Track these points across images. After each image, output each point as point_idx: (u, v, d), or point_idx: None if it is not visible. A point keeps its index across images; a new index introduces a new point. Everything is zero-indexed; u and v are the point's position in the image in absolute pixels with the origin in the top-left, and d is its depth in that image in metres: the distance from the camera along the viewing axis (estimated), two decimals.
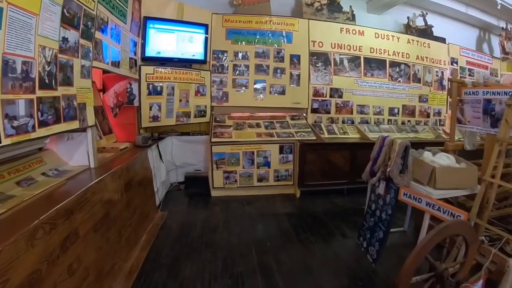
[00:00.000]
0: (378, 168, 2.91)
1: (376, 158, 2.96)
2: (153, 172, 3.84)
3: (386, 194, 2.83)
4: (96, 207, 2.27)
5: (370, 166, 3.05)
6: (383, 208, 2.87)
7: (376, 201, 3.00)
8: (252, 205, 4.28)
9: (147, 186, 3.63)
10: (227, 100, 5.20)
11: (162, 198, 4.32)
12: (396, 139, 2.74)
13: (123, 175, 2.89)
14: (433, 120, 6.60)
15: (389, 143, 2.80)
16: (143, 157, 3.66)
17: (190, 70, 4.80)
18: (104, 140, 3.65)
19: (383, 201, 2.88)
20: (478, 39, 7.98)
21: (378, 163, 2.90)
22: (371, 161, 3.04)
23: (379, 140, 2.99)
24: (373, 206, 3.04)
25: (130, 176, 3.10)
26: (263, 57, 5.28)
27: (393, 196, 2.74)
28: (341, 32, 5.68)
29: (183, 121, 4.76)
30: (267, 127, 4.99)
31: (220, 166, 4.51)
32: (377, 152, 2.95)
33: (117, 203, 2.69)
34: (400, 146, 2.62)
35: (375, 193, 3.05)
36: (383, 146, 2.88)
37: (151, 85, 4.32)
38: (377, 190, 2.99)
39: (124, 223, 2.80)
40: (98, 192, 2.33)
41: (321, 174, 4.73)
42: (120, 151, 3.45)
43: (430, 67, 6.51)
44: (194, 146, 4.91)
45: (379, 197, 2.94)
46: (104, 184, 2.47)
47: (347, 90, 5.74)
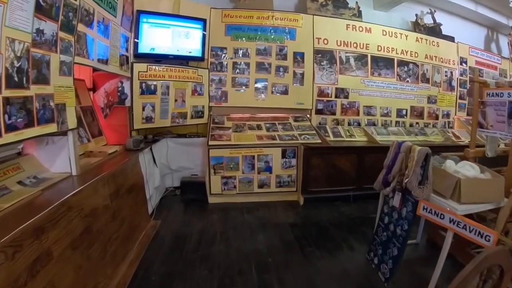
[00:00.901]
0: (392, 178, 2.64)
1: (390, 166, 2.68)
2: (145, 178, 3.57)
3: (402, 207, 2.56)
4: (74, 222, 2.00)
5: (383, 174, 2.78)
6: (398, 223, 2.59)
7: (389, 214, 2.73)
8: (252, 214, 4.01)
9: (138, 194, 3.35)
10: (226, 100, 4.94)
11: (156, 205, 4.05)
12: (414, 146, 2.47)
13: (109, 183, 2.62)
14: (442, 122, 6.36)
15: (406, 149, 2.53)
16: (134, 161, 3.38)
17: (186, 68, 4.53)
18: (93, 143, 3.40)
19: (398, 215, 2.61)
20: (486, 38, 7.71)
21: (393, 172, 2.62)
22: (385, 169, 2.77)
23: (394, 146, 2.72)
24: (386, 219, 2.77)
25: (118, 184, 2.83)
26: (264, 54, 5.01)
27: (411, 210, 2.46)
28: (347, 29, 5.42)
29: (179, 122, 4.49)
30: (268, 129, 4.72)
31: (218, 171, 4.25)
32: (392, 160, 2.68)
33: (102, 214, 2.42)
34: (419, 154, 2.35)
35: (388, 205, 2.78)
36: (399, 153, 2.61)
37: (144, 84, 4.05)
38: (391, 201, 2.72)
39: (110, 237, 2.54)
40: (77, 204, 2.06)
41: (326, 180, 4.46)
42: (108, 156, 3.18)
43: (439, 66, 6.25)
44: (191, 149, 4.65)
45: (394, 210, 2.67)
46: (85, 195, 2.20)
47: (354, 90, 5.48)
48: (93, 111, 3.64)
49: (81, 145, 3.17)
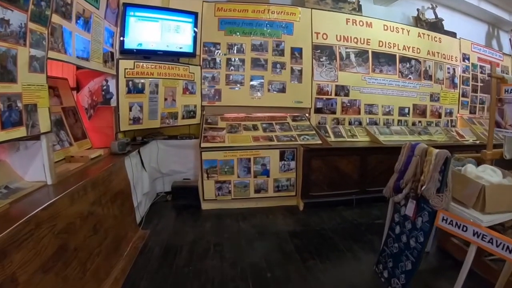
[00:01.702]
0: (405, 184, 2.41)
1: (403, 171, 2.47)
2: (132, 184, 3.32)
3: (417, 216, 2.33)
4: (45, 241, 1.75)
5: (394, 180, 2.56)
6: (411, 234, 2.37)
7: (402, 224, 2.51)
8: (249, 221, 3.77)
9: (124, 202, 3.10)
10: (219, 98, 4.70)
11: (145, 213, 3.80)
12: (431, 148, 2.25)
13: (89, 192, 2.38)
14: (445, 120, 6.23)
15: (421, 152, 2.31)
16: (119, 167, 3.13)
17: (177, 64, 4.28)
18: (75, 147, 3.14)
19: (412, 225, 2.39)
20: (487, 35, 7.60)
21: (405, 178, 2.40)
22: (396, 174, 2.55)
23: (407, 148, 2.50)
24: (398, 229, 2.55)
25: (100, 192, 2.58)
26: (260, 50, 4.78)
27: (427, 220, 2.25)
28: (347, 23, 5.21)
29: (169, 123, 4.23)
30: (265, 129, 4.48)
31: (211, 175, 4.01)
32: (405, 164, 2.46)
33: (80, 229, 2.17)
34: (438, 158, 2.13)
35: (399, 214, 2.56)
36: (412, 156, 2.39)
37: (131, 82, 3.80)
38: (403, 210, 2.50)
39: (90, 252, 2.29)
40: (49, 219, 1.81)
41: (327, 184, 4.26)
42: (90, 161, 2.92)
43: (441, 63, 6.11)
44: (183, 152, 4.40)
45: (406, 219, 2.45)
46: (60, 207, 1.94)
47: (354, 88, 5.28)
48: (76, 112, 3.39)
49: (62, 149, 2.93)
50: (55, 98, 3.08)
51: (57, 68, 3.30)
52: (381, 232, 3.36)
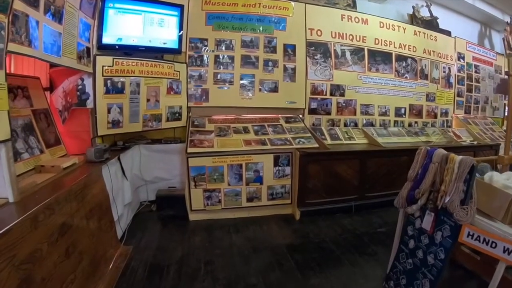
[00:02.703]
0: (421, 194, 2.18)
1: (418, 180, 2.23)
2: (111, 195, 3.00)
3: (436, 230, 2.10)
4: (2, 275, 1.43)
5: (407, 189, 2.32)
6: (429, 249, 2.15)
7: (417, 238, 2.27)
8: (242, 233, 3.49)
9: (102, 217, 2.77)
10: (207, 99, 4.41)
11: (128, 226, 3.49)
12: (452, 155, 2.02)
13: (59, 211, 2.04)
14: (440, 121, 6.18)
15: (440, 159, 2.08)
16: (96, 177, 2.80)
17: (160, 62, 3.97)
18: (47, 155, 2.79)
19: (429, 240, 2.16)
20: (480, 34, 7.63)
21: (422, 187, 2.17)
22: (410, 183, 2.32)
23: (422, 153, 2.27)
24: (412, 243, 2.32)
25: (73, 209, 2.25)
26: (251, 46, 4.52)
27: (449, 235, 2.02)
28: (342, 19, 5.03)
29: (152, 126, 3.92)
30: (257, 132, 4.22)
31: (199, 183, 3.71)
32: (420, 171, 2.23)
33: (48, 255, 1.85)
34: (463, 166, 1.90)
35: (413, 226, 2.32)
36: (429, 163, 2.15)
37: (110, 81, 3.47)
38: (418, 222, 2.27)
39: (63, 280, 1.98)
40: (6, 249, 1.49)
41: (325, 190, 4.02)
42: (63, 171, 2.58)
43: (437, 62, 6.06)
44: (167, 157, 4.09)
45: (422, 233, 2.22)
46: (20, 233, 1.62)
47: (350, 87, 5.10)
48: (49, 115, 3.03)
49: (32, 157, 2.58)
50: (24, 99, 2.72)
51: (29, 66, 3.03)
52: (385, 243, 3.26)
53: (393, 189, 4.42)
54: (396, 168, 4.43)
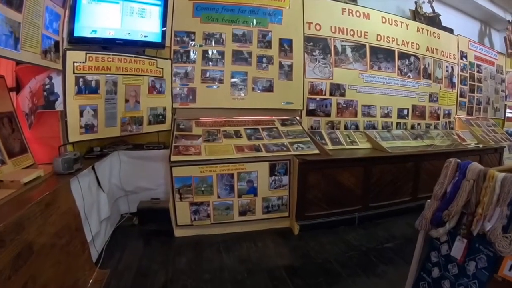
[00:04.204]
0: (451, 216, 1.78)
1: (447, 199, 1.83)
2: (83, 213, 2.56)
3: (468, 260, 1.71)
4: None
5: (433, 209, 1.93)
6: (459, 281, 1.76)
7: (443, 266, 1.89)
8: (234, 253, 3.07)
9: (71, 240, 2.33)
10: (194, 99, 4.00)
11: (106, 243, 3.07)
12: (492, 171, 1.64)
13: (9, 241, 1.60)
14: (443, 122, 5.91)
15: (476, 175, 1.70)
16: (63, 193, 2.36)
17: (141, 57, 3.55)
18: (10, 166, 2.39)
19: (458, 270, 1.77)
20: (480, 33, 7.46)
21: (452, 209, 1.78)
22: (436, 201, 1.92)
23: (451, 167, 1.89)
24: (436, 272, 1.93)
25: (31, 235, 1.82)
26: (243, 41, 4.13)
27: (485, 267, 1.63)
28: (342, 13, 4.69)
29: (132, 130, 3.48)
30: (250, 137, 3.81)
31: (185, 195, 3.29)
32: (450, 189, 1.83)
33: None
34: (507, 186, 1.53)
35: (439, 253, 1.93)
36: (461, 180, 1.77)
37: (82, 79, 3.04)
38: (445, 248, 1.87)
39: None
40: None
41: (326, 201, 3.65)
42: (24, 186, 2.14)
43: (440, 61, 5.79)
44: (150, 165, 3.68)
45: (450, 261, 1.83)
46: None
47: (351, 87, 4.76)
48: (14, 119, 2.62)
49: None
50: None
51: None
52: (394, 261, 2.99)
53: (398, 198, 4.18)
54: (401, 175, 4.15)
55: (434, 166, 4.37)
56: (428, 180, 4.35)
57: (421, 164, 4.29)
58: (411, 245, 3.23)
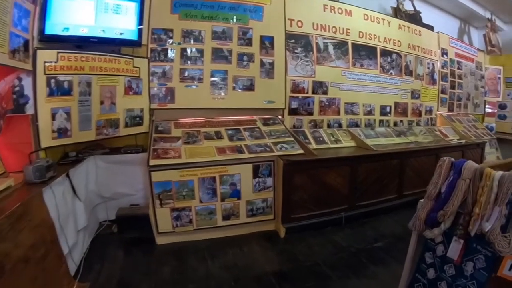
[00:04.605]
0: (446, 216, 1.82)
1: (443, 199, 1.87)
2: (58, 224, 2.47)
3: (465, 260, 1.76)
4: None
5: (427, 209, 1.96)
6: (456, 282, 1.80)
7: (439, 267, 1.92)
8: (219, 259, 3.05)
9: (47, 254, 2.25)
10: (172, 100, 3.93)
11: (85, 254, 2.99)
12: (488, 170, 1.68)
13: None
14: (425, 119, 6.13)
15: (472, 174, 1.74)
16: (35, 204, 2.27)
17: (117, 56, 3.45)
18: None
19: (455, 271, 1.82)
20: (459, 30, 7.80)
21: (448, 209, 1.81)
22: (430, 202, 1.95)
23: (445, 166, 1.91)
24: (432, 273, 1.97)
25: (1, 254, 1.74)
26: (223, 38, 4.09)
27: (483, 267, 1.68)
28: (324, 10, 4.74)
29: (108, 133, 3.39)
30: (232, 137, 3.79)
31: (165, 201, 3.23)
32: (445, 189, 1.87)
33: None
34: (506, 185, 1.57)
35: (434, 253, 1.97)
36: (456, 179, 1.81)
37: (54, 80, 2.93)
38: (440, 249, 1.91)
39: None
40: None
41: (313, 202, 3.69)
42: None
43: (421, 58, 5.98)
44: (129, 169, 3.60)
45: (446, 262, 1.87)
46: None
47: (333, 84, 4.82)
48: None
49: None
50: None
51: None
52: (385, 261, 3.05)
53: (384, 196, 4.28)
54: (387, 173, 4.25)
55: (419, 163, 4.51)
56: (414, 177, 4.49)
57: (406, 161, 4.41)
58: (400, 243, 3.34)
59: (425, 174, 4.65)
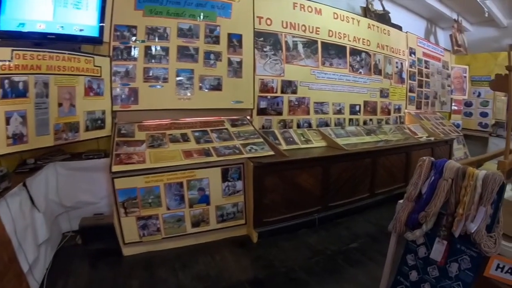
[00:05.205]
0: (428, 218, 1.88)
1: (424, 200, 1.95)
2: (15, 239, 2.40)
3: (450, 262, 1.85)
4: None
5: (408, 211, 2.01)
6: (441, 283, 1.87)
7: (421, 269, 1.97)
8: (191, 269, 3.06)
9: (5, 274, 2.18)
10: (136, 101, 3.88)
11: (48, 270, 2.90)
12: (471, 169, 1.78)
13: None
14: (394, 117, 6.46)
15: (454, 174, 1.84)
16: None
17: (76, 54, 3.38)
18: None
19: (440, 272, 1.90)
20: (426, 31, 8.24)
21: (430, 210, 1.87)
22: (410, 203, 2.01)
23: (425, 166, 1.99)
24: (415, 275, 2.01)
25: None
26: (189, 36, 4.09)
27: (469, 268, 1.77)
28: (294, 8, 4.86)
29: (67, 138, 3.30)
30: (199, 139, 3.81)
31: (130, 210, 3.20)
32: (426, 189, 1.95)
33: None
34: (491, 185, 1.66)
35: (415, 255, 2.04)
36: (438, 179, 1.90)
37: (8, 81, 2.81)
38: (422, 251, 1.99)
39: None
40: None
41: (285, 205, 3.80)
42: None
43: (390, 57, 6.30)
44: (91, 176, 3.54)
45: (429, 264, 1.95)
46: None
47: (303, 84, 4.96)
48: None
49: None
50: None
51: None
52: (362, 262, 3.18)
53: (356, 195, 4.51)
54: (358, 172, 4.46)
55: (390, 161, 4.76)
56: (385, 175, 4.74)
57: (377, 160, 4.64)
58: (376, 244, 3.52)
59: (396, 172, 4.94)
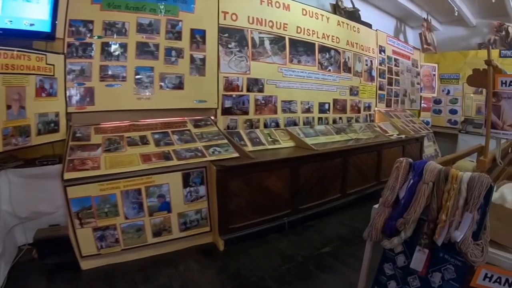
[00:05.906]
0: (406, 225, 1.87)
1: (402, 205, 1.92)
2: None
3: (432, 271, 1.83)
4: None
5: (384, 217, 1.98)
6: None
7: (401, 279, 1.98)
8: (153, 282, 3.04)
9: None
10: (92, 101, 3.82)
11: (2, 287, 2.84)
12: (454, 171, 1.74)
13: None
14: (363, 115, 6.72)
15: (436, 177, 1.80)
16: None
17: (26, 52, 3.29)
18: None
19: (421, 283, 1.88)
20: (396, 29, 8.66)
21: (409, 216, 1.85)
22: (387, 209, 1.98)
23: (403, 168, 1.95)
24: (393, 285, 1.99)
25: None
26: (149, 31, 4.06)
27: (453, 278, 1.75)
28: (261, 3, 4.96)
29: (17, 143, 3.21)
30: (159, 142, 3.80)
31: (86, 220, 3.14)
32: (405, 194, 1.92)
33: None
34: (477, 188, 1.62)
35: (394, 265, 2.01)
36: (417, 182, 1.88)
37: None
38: (401, 260, 1.98)
39: None
40: None
41: (252, 210, 3.87)
42: None
43: (360, 54, 6.55)
44: (46, 183, 3.45)
45: (409, 274, 1.93)
46: None
47: (269, 82, 5.07)
48: None
49: None
50: None
51: None
52: (335, 268, 3.26)
53: (327, 196, 4.67)
54: (329, 173, 4.61)
55: (362, 160, 4.97)
56: (356, 174, 4.94)
57: (348, 159, 4.82)
58: (348, 247, 3.65)
59: (367, 171, 5.16)
